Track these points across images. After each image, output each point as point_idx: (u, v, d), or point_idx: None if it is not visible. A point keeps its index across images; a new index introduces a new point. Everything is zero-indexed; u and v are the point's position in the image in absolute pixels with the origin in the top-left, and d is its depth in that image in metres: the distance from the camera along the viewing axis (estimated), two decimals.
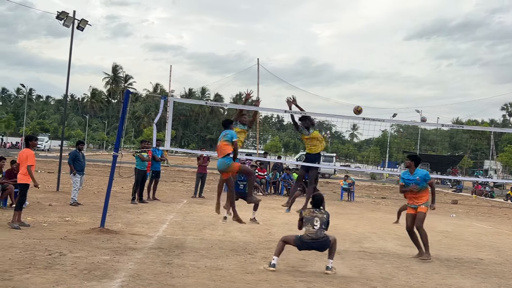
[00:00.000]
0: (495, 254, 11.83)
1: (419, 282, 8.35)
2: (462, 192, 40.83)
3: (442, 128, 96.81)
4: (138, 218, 13.32)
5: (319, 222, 8.49)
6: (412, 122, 47.02)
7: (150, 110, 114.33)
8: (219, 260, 8.77)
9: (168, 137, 12.51)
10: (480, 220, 20.54)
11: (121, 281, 6.91)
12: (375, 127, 15.39)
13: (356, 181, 29.52)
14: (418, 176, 10.60)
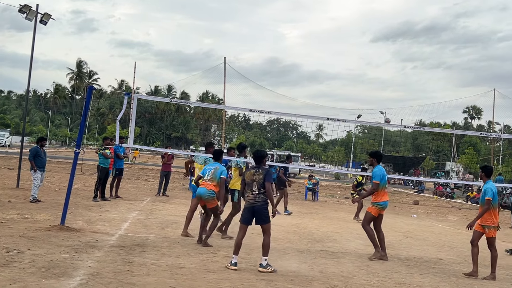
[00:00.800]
0: (454, 254, 12.07)
1: (379, 281, 8.45)
2: (424, 193, 41.50)
3: (406, 129, 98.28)
4: (100, 216, 13.15)
5: (257, 187, 8.57)
6: (376, 123, 47.60)
7: (114, 107, 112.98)
8: (180, 259, 8.72)
9: (131, 134, 12.41)
10: (440, 221, 20.92)
11: (80, 279, 6.81)
12: (340, 128, 15.51)
13: (320, 181, 29.73)
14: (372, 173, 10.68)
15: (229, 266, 8.34)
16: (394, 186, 48.83)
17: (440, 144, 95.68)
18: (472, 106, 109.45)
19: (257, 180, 8.58)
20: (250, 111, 12.55)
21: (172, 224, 12.70)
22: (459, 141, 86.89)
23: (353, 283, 8.08)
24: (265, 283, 7.53)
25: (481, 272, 9.66)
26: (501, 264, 11.18)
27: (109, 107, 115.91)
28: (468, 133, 58.49)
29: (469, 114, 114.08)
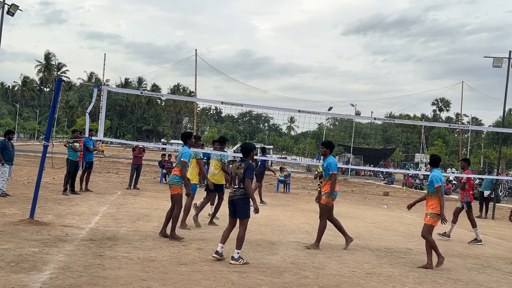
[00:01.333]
0: (423, 244, 12.17)
1: (350, 271, 8.55)
2: (394, 184, 42.05)
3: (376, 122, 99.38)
4: (70, 209, 13.01)
5: (237, 181, 8.67)
6: (347, 115, 47.97)
7: (84, 100, 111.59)
8: (152, 252, 8.69)
9: (101, 127, 12.29)
10: (410, 211, 21.20)
11: (50, 273, 6.74)
12: (311, 120, 15.59)
13: (292, 173, 29.88)
14: (325, 164, 10.61)
15: (214, 254, 8.52)
16: (365, 178, 49.36)
17: (410, 136, 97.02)
18: (440, 99, 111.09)
19: (238, 174, 8.63)
20: (222, 104, 12.52)
21: (143, 217, 12.63)
22: (428, 133, 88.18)
23: (324, 274, 8.16)
24: (237, 275, 7.56)
25: (453, 262, 9.83)
26: (469, 254, 11.43)
27: (79, 100, 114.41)
28: (436, 125, 59.43)
29: (438, 107, 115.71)
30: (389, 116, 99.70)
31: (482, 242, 13.04)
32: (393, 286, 7.74)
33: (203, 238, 10.44)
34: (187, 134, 10.64)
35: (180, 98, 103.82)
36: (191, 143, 10.59)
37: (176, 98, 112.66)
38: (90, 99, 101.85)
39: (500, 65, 26.57)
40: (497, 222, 19.74)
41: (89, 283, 6.47)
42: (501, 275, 9.27)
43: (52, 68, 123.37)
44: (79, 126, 66.56)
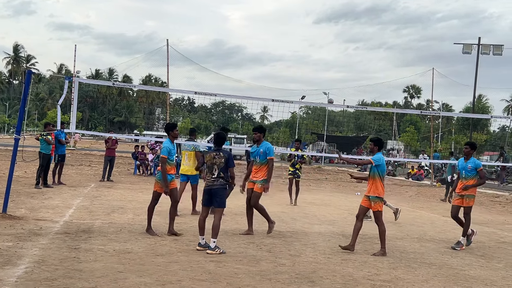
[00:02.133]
0: (396, 230, 12.44)
1: (325, 258, 8.65)
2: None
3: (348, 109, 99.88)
4: (43, 203, 12.86)
5: (217, 171, 8.65)
6: (320, 104, 48.21)
7: (54, 92, 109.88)
8: (128, 244, 8.66)
9: (73, 119, 12.14)
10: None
11: (25, 268, 6.68)
12: (285, 109, 15.65)
13: None
14: (262, 148, 10.58)
15: (197, 247, 8.57)
16: (338, 166, 49.72)
17: (382, 123, 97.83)
18: (412, 86, 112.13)
19: (217, 164, 8.61)
20: (195, 94, 12.50)
21: (118, 210, 12.56)
22: (399, 120, 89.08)
23: (300, 261, 8.24)
24: (214, 265, 7.59)
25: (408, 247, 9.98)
26: (442, 238, 11.64)
27: (49, 92, 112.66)
28: (408, 111, 60.10)
29: (409, 94, 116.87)
30: (361, 104, 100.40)
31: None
32: (368, 271, 7.85)
33: (178, 229, 10.42)
34: (170, 125, 10.12)
35: (153, 89, 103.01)
36: (174, 135, 9.99)
37: (148, 88, 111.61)
38: (60, 91, 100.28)
39: (469, 51, 26.98)
40: None
41: (65, 276, 6.42)
42: (473, 258, 9.47)
43: (21, 60, 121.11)
44: (50, 119, 65.54)
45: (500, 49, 37.56)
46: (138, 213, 12.16)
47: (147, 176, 23.83)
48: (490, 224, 14.85)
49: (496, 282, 7.72)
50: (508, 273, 8.44)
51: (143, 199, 14.80)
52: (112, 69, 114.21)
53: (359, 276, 7.51)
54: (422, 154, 41.87)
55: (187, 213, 12.54)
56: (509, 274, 8.33)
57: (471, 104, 43.61)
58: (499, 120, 69.41)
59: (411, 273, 7.94)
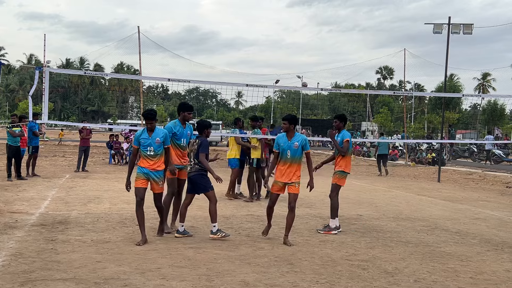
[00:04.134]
0: (373, 210, 12.59)
1: (303, 240, 8.72)
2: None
3: (322, 92, 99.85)
4: (17, 195, 12.70)
5: (193, 157, 8.66)
6: (294, 87, 48.26)
7: (25, 83, 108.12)
8: (105, 233, 8.61)
9: (45, 109, 11.98)
10: (359, 178, 21.68)
11: (2, 261, 6.60)
12: (259, 94, 15.66)
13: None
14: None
15: (176, 234, 8.58)
16: (314, 149, 49.95)
17: (356, 105, 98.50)
18: (384, 67, 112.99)
19: (193, 151, 8.60)
20: (169, 81, 12.43)
21: (94, 200, 12.46)
22: (373, 101, 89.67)
23: (279, 244, 8.29)
24: (193, 251, 7.59)
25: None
26: (417, 217, 11.80)
27: (19, 83, 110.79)
28: (381, 92, 60.51)
29: (382, 75, 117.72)
30: (334, 86, 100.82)
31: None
32: (346, 252, 7.94)
33: (156, 217, 10.37)
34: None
35: (125, 77, 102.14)
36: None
37: (121, 76, 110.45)
38: (31, 82, 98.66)
39: (440, 31, 27.17)
40: (443, 184, 20.39)
41: (42, 268, 6.37)
42: (449, 235, 9.63)
43: None
44: (21, 110, 64.57)
45: (470, 28, 37.84)
46: (114, 202, 12.09)
47: (122, 165, 23.65)
48: (464, 201, 15.10)
49: (471, 257, 7.87)
50: (483, 248, 8.61)
51: (119, 188, 14.70)
52: (83, 58, 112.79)
53: (337, 256, 7.60)
54: (396, 135, 42.26)
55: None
56: (484, 250, 8.49)
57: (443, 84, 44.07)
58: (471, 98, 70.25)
59: (388, 252, 8.05)
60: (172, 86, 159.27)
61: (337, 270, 6.84)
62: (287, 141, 8.64)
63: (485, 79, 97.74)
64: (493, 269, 7.26)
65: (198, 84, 16.91)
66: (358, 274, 6.69)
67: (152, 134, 8.21)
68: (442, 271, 7.01)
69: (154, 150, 8.17)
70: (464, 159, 36.11)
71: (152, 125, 8.24)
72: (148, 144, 8.18)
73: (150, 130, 8.24)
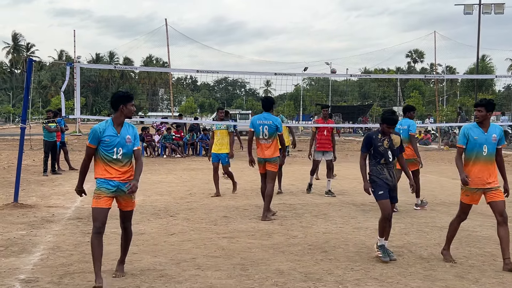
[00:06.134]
0: (406, 196, 12.40)
1: (337, 227, 8.68)
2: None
3: (352, 78, 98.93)
4: (53, 190, 12.94)
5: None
6: (323, 74, 47.97)
7: (56, 79, 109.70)
8: (140, 225, 8.71)
9: (77, 105, 12.15)
10: None
11: (41, 255, 6.75)
12: (288, 82, 15.60)
13: None
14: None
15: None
16: (345, 135, 49.65)
17: (386, 90, 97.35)
18: (414, 50, 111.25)
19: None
20: (197, 72, 12.44)
21: None
22: (403, 86, 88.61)
23: (312, 232, 8.28)
24: (227, 241, 7.64)
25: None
26: (452, 201, 11.64)
27: (51, 79, 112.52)
28: (411, 76, 59.79)
29: (412, 58, 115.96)
30: (364, 72, 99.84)
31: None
32: None
33: (189, 208, 10.49)
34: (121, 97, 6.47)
35: (154, 69, 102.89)
36: (127, 111, 6.42)
37: (150, 69, 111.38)
38: (62, 78, 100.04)
39: (471, 11, 26.65)
40: None
41: (80, 261, 6.49)
42: (485, 219, 9.47)
43: (21, 49, 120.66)
44: (54, 106, 65.65)
45: (502, 8, 37.12)
46: (148, 194, 12.22)
47: (154, 158, 23.88)
48: (499, 183, 14.82)
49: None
50: None
51: (152, 180, 14.88)
52: (113, 52, 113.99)
53: (371, 243, 7.54)
54: (428, 119, 41.70)
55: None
56: None
57: (475, 65, 43.31)
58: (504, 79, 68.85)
59: (423, 238, 7.97)
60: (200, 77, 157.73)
61: (372, 257, 6.80)
62: (483, 133, 6.62)
63: None
64: None
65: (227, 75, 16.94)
66: (393, 261, 6.64)
67: (121, 130, 5.93)
68: (479, 256, 6.92)
69: (123, 153, 5.92)
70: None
71: (127, 110, 6.01)
72: (115, 145, 5.86)
73: (118, 125, 5.94)
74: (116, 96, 6.03)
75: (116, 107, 5.96)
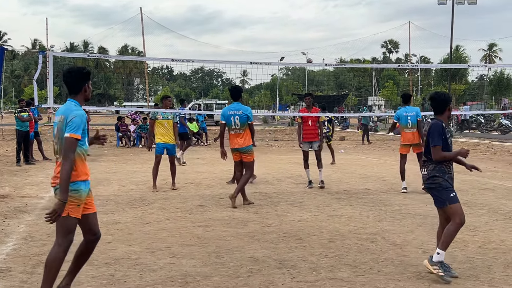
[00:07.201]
0: (380, 184, 12.60)
1: (312, 215, 8.75)
2: (349, 129, 42.68)
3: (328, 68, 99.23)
4: (27, 180, 12.79)
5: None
6: (299, 63, 48.03)
7: (30, 68, 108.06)
8: (115, 215, 8.68)
9: (50, 93, 12.00)
10: (366, 153, 21.67)
11: (13, 245, 6.69)
12: (264, 71, 15.59)
13: None
14: None
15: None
16: None
17: (362, 80, 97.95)
18: (389, 40, 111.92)
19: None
20: (172, 61, 12.39)
21: (103, 182, 12.53)
22: (379, 76, 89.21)
23: (287, 220, 8.33)
24: (202, 229, 7.65)
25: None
26: None
27: (24, 69, 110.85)
28: (386, 66, 60.29)
29: (387, 49, 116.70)
30: (340, 62, 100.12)
31: None
32: (354, 225, 7.97)
33: (165, 197, 10.47)
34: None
35: (129, 58, 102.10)
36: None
37: (125, 58, 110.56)
38: (36, 67, 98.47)
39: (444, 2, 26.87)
40: None
41: None
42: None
43: None
44: (27, 96, 64.67)
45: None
46: (123, 184, 12.16)
47: (130, 148, 23.74)
48: (472, 172, 15.05)
49: (479, 227, 7.88)
50: (491, 218, 8.61)
51: (127, 170, 14.80)
52: (87, 41, 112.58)
53: (345, 230, 7.63)
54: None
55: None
56: (492, 219, 8.50)
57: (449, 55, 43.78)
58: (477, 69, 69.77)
59: (397, 224, 8.08)
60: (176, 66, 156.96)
61: (346, 244, 6.88)
62: None
63: (491, 50, 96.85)
64: (501, 238, 7.28)
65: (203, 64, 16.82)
66: (366, 247, 6.72)
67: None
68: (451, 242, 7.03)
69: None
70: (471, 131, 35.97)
71: (89, 90, 5.19)
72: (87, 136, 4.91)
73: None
74: (77, 72, 5.08)
75: (80, 87, 5.03)
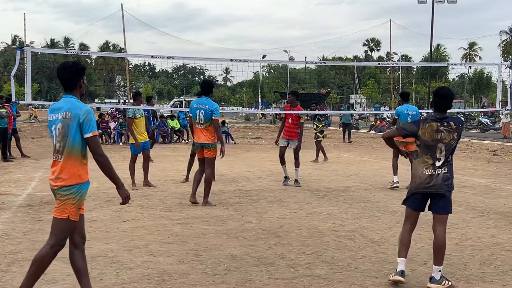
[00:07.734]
0: (360, 181, 12.66)
1: (291, 213, 8.76)
2: (331, 127, 42.81)
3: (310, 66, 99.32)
4: (4, 177, 12.63)
5: None
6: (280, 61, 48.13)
7: (9, 64, 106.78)
8: (93, 212, 8.60)
9: (28, 90, 11.86)
10: (347, 151, 21.77)
11: None
12: (245, 69, 15.58)
13: (231, 123, 29.87)
14: None
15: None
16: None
17: (343, 78, 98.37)
18: (371, 39, 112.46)
19: None
20: (152, 57, 12.34)
21: None
22: (360, 74, 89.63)
23: (266, 218, 8.33)
24: (181, 227, 7.61)
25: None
26: (403, 186, 11.87)
27: (4, 65, 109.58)
28: (366, 64, 60.68)
29: (369, 47, 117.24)
30: (322, 60, 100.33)
31: None
32: (333, 222, 8.00)
33: (144, 194, 10.41)
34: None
35: (109, 55, 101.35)
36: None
37: (105, 55, 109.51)
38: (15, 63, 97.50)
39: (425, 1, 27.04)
40: None
41: (29, 249, 6.36)
42: None
43: None
44: (6, 92, 63.92)
45: None
46: (102, 181, 12.02)
47: (110, 145, 23.57)
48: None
49: (457, 224, 7.95)
50: (469, 215, 8.70)
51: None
52: (68, 38, 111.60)
53: (324, 228, 7.65)
54: (383, 106, 42.37)
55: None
56: (470, 217, 8.58)
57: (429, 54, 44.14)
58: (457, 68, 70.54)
59: (375, 222, 8.12)
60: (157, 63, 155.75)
61: (324, 241, 6.89)
62: None
63: (471, 49, 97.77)
64: (478, 235, 7.35)
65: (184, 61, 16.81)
66: (344, 244, 6.75)
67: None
68: (428, 239, 7.07)
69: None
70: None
71: (84, 85, 4.95)
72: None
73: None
74: (72, 67, 4.66)
75: (75, 83, 4.71)
